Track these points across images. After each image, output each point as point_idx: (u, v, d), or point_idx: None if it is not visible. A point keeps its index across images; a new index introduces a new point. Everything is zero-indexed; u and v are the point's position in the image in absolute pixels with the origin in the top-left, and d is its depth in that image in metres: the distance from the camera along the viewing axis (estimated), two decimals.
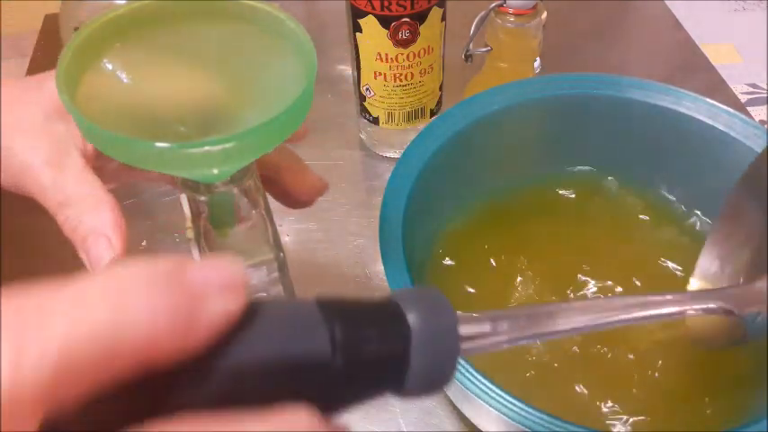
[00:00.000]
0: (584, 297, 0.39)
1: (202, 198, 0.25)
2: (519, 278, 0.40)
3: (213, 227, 0.26)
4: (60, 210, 0.26)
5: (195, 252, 0.26)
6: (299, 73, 0.23)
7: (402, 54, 0.45)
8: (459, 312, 0.17)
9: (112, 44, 0.23)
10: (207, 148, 0.20)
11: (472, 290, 0.39)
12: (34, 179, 0.26)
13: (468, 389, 0.27)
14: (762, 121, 1.39)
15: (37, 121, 0.25)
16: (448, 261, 0.40)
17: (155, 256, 0.13)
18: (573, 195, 0.43)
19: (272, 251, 0.26)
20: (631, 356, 0.36)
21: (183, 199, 0.25)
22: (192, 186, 0.25)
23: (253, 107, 0.24)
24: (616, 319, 0.21)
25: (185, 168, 0.22)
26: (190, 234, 0.26)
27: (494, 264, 0.40)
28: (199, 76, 0.24)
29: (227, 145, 0.20)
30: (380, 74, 0.46)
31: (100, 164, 0.27)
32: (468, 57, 0.51)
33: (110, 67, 0.23)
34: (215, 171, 0.22)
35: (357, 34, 0.45)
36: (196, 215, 0.26)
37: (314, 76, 0.22)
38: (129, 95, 0.23)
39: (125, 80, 0.23)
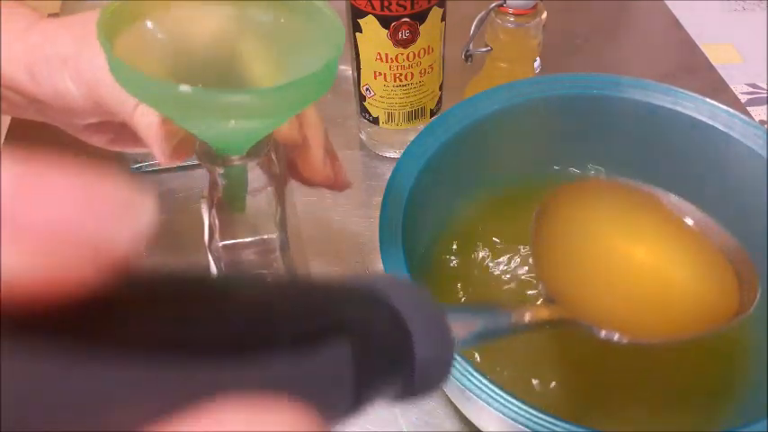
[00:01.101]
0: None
1: (218, 170, 0.26)
2: (519, 278, 0.40)
3: (226, 199, 0.27)
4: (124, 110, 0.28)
5: (205, 220, 0.27)
6: (324, 53, 0.24)
7: (402, 54, 0.45)
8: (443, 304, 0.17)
9: (154, 7, 0.25)
10: (226, 97, 0.21)
11: (472, 290, 0.39)
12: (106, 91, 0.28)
13: (468, 389, 0.27)
14: (762, 122, 1.39)
15: None
16: (448, 261, 0.40)
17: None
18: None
19: (276, 230, 0.26)
20: (633, 359, 0.36)
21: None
22: (209, 158, 0.26)
23: (280, 77, 0.25)
24: None
25: (203, 115, 0.22)
26: (204, 203, 0.27)
27: (494, 264, 0.40)
28: (232, 45, 0.26)
29: (242, 97, 0.21)
30: (380, 74, 0.46)
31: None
32: (468, 57, 0.51)
33: (148, 27, 0.24)
34: (230, 124, 0.24)
35: (357, 34, 0.45)
36: (212, 186, 0.27)
37: (340, 50, 0.24)
38: (161, 56, 0.25)
39: (160, 42, 0.25)
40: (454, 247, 0.41)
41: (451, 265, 0.40)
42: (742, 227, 0.38)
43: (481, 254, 0.41)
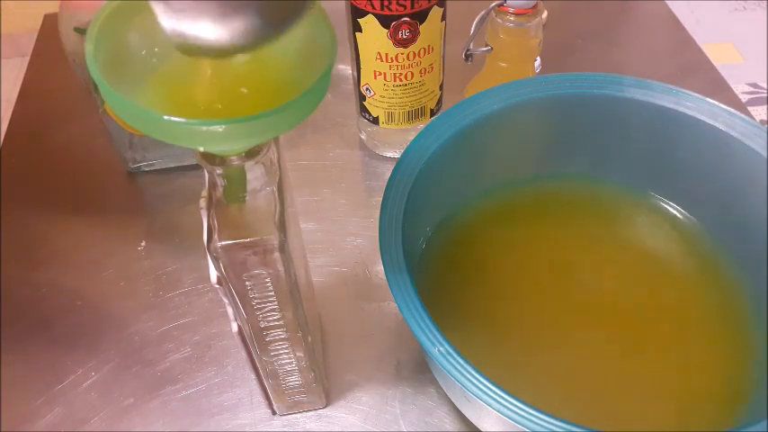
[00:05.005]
0: (582, 298, 0.39)
1: (218, 170, 0.26)
2: (520, 279, 0.40)
3: (225, 199, 0.27)
4: None
5: (204, 220, 0.27)
6: (318, 61, 0.24)
7: (402, 54, 0.45)
8: None
9: (145, 16, 0.24)
10: (211, 127, 0.21)
11: (472, 290, 0.39)
12: None
13: (467, 389, 0.27)
14: (762, 121, 1.39)
15: None
16: (448, 261, 0.40)
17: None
18: (573, 195, 0.43)
19: (275, 231, 0.26)
20: (633, 358, 0.36)
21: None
22: (208, 158, 0.26)
23: (277, 88, 0.25)
24: None
25: (191, 142, 0.23)
26: (203, 204, 0.27)
27: (493, 264, 0.40)
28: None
29: (222, 127, 0.21)
30: (380, 73, 0.46)
31: None
32: (468, 56, 0.51)
33: (137, 38, 0.24)
34: (223, 147, 0.24)
35: (357, 34, 0.45)
36: (211, 186, 0.27)
37: (330, 70, 0.23)
38: (154, 59, 0.24)
39: (153, 51, 0.24)
40: (454, 247, 0.40)
41: (451, 265, 0.40)
42: (742, 227, 0.38)
43: (481, 253, 0.40)
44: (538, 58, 0.52)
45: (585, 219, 0.42)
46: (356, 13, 0.44)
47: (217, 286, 0.28)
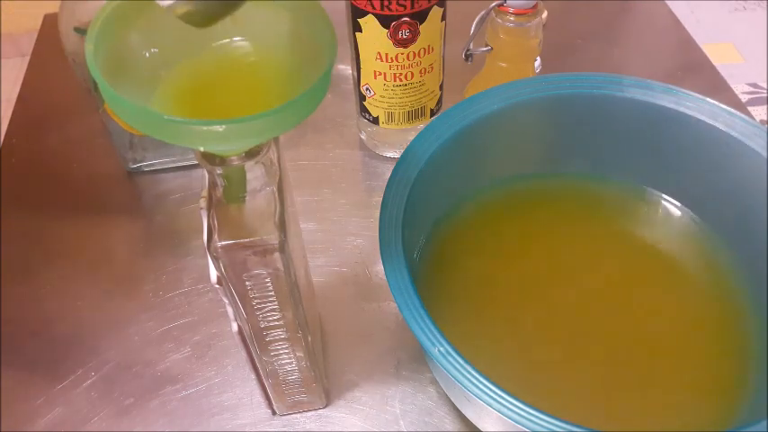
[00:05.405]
0: (582, 297, 0.39)
1: (218, 170, 0.26)
2: (519, 278, 0.40)
3: (225, 199, 0.27)
4: None
5: (204, 220, 0.27)
6: (318, 61, 0.24)
7: (402, 54, 0.45)
8: None
9: (145, 17, 0.24)
10: (210, 127, 0.21)
11: (472, 290, 0.39)
12: None
13: (467, 389, 0.27)
14: (762, 121, 1.39)
15: None
16: (447, 261, 0.40)
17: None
18: (573, 195, 0.43)
19: (275, 231, 0.26)
20: (632, 357, 0.36)
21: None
22: (208, 158, 0.26)
23: (278, 85, 0.25)
24: None
25: (191, 142, 0.23)
26: (203, 204, 0.27)
27: (494, 264, 0.40)
28: (232, 53, 0.25)
29: (222, 127, 0.21)
30: (380, 74, 0.46)
31: None
32: (468, 56, 0.51)
33: (137, 38, 0.24)
34: (223, 147, 0.24)
35: (357, 34, 0.45)
36: (212, 186, 0.27)
37: (330, 70, 0.23)
38: (156, 58, 0.25)
39: (153, 51, 0.25)
40: (454, 247, 0.40)
41: (451, 265, 0.40)
42: (742, 227, 0.38)
43: (481, 253, 0.40)
44: (538, 58, 0.52)
45: (585, 218, 0.42)
46: (356, 13, 0.44)
47: (217, 286, 0.28)
